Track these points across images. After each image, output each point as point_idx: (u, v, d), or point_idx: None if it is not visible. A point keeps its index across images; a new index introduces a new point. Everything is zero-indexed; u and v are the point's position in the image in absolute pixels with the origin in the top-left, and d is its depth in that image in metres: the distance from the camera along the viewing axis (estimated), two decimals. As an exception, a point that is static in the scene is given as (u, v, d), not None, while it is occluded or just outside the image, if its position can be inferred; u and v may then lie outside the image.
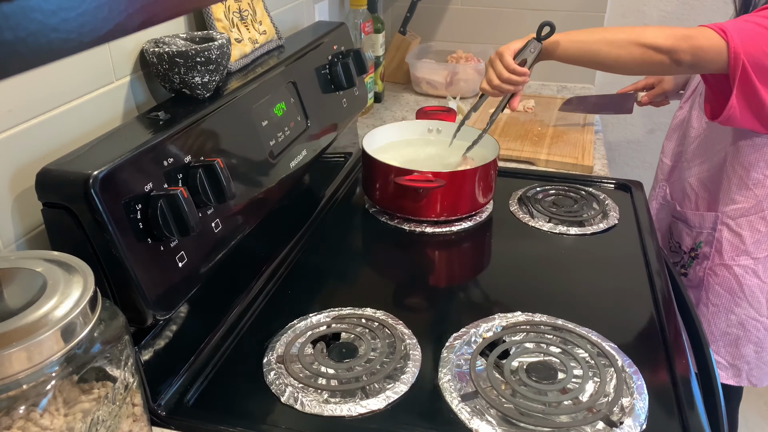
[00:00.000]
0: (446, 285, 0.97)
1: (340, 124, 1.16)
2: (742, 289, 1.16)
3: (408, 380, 0.73)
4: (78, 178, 0.60)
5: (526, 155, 1.38)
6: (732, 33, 0.97)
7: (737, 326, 1.18)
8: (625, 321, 0.86)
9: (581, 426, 0.66)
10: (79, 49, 0.24)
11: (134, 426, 0.58)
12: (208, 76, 0.80)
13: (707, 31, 0.99)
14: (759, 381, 1.21)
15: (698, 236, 1.22)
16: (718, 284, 1.19)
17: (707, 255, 1.20)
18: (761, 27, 0.98)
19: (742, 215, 1.14)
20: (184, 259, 0.70)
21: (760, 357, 1.19)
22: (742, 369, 1.21)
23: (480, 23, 1.95)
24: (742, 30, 0.98)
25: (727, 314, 1.19)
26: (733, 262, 1.16)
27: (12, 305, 0.49)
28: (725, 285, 1.18)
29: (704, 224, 1.20)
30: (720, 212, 1.17)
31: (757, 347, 1.18)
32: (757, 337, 1.18)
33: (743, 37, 0.97)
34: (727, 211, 1.15)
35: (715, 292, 1.19)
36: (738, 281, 1.16)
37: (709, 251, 1.19)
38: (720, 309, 1.19)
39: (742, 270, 1.16)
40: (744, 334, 1.18)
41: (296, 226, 1.05)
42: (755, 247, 1.14)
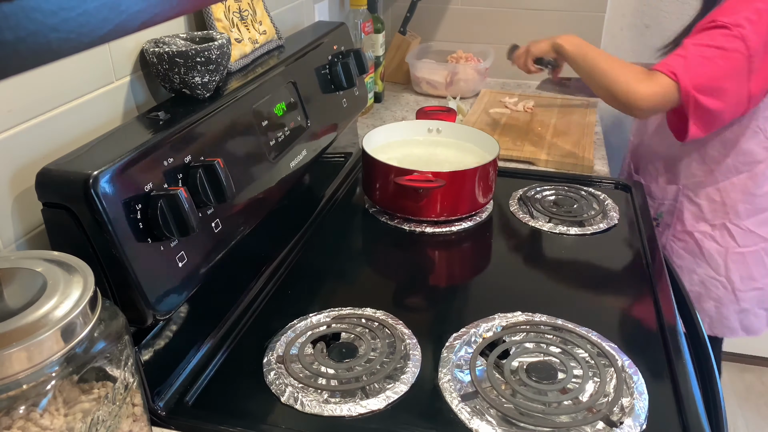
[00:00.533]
0: (446, 285, 0.97)
1: (340, 124, 1.16)
2: (702, 252, 1.32)
3: (408, 380, 0.73)
4: (78, 178, 0.60)
5: (526, 155, 1.38)
6: (681, 72, 1.09)
7: (699, 285, 1.35)
8: (625, 321, 0.86)
9: (581, 426, 0.66)
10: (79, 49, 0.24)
11: (134, 426, 0.58)
12: (208, 76, 0.80)
13: (658, 77, 1.11)
14: (721, 333, 1.38)
15: (660, 207, 1.37)
16: (681, 248, 1.35)
17: (669, 224, 1.36)
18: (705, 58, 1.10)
19: (700, 187, 1.30)
20: (184, 259, 0.70)
21: (720, 312, 1.35)
22: (704, 321, 1.31)
23: (480, 23, 1.95)
24: (689, 66, 1.10)
25: (690, 274, 1.35)
26: (693, 229, 1.33)
27: (12, 305, 0.49)
28: (687, 249, 1.34)
29: (666, 196, 1.35)
30: (681, 185, 1.32)
31: (717, 303, 1.35)
32: (716, 295, 1.34)
33: (693, 74, 1.09)
34: (688, 184, 1.31)
35: (678, 255, 1.36)
36: (698, 245, 1.32)
37: (671, 220, 1.35)
38: (683, 270, 1.35)
39: (701, 235, 1.32)
40: (705, 292, 1.35)
41: (296, 226, 1.05)
42: (712, 215, 1.30)
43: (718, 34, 1.10)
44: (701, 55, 1.10)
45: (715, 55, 1.09)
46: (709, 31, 1.11)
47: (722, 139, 1.23)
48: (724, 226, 1.29)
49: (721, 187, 1.27)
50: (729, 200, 1.28)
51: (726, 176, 1.26)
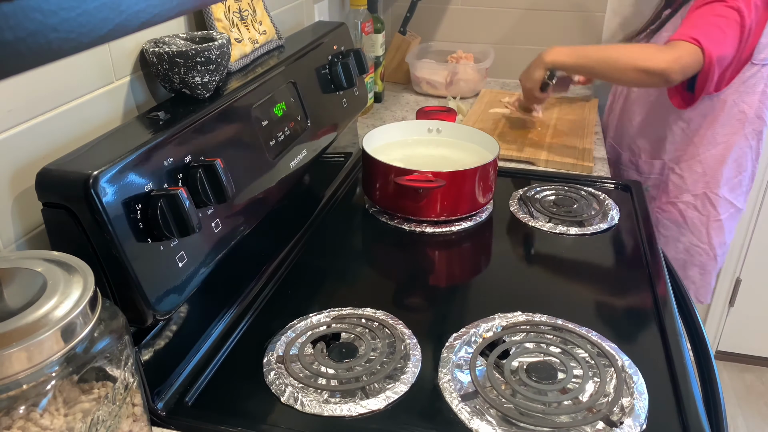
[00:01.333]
0: (446, 285, 0.97)
1: (340, 124, 1.16)
2: (685, 221, 1.41)
3: (408, 380, 0.73)
4: (78, 178, 0.60)
5: (526, 155, 1.38)
6: (702, 39, 1.15)
7: (684, 252, 1.44)
8: (625, 321, 0.86)
9: (581, 426, 0.66)
10: (79, 49, 0.24)
11: (134, 426, 0.58)
12: (208, 76, 0.80)
13: (684, 45, 1.16)
14: (704, 298, 1.48)
15: (646, 181, 1.45)
16: (666, 219, 1.44)
17: (655, 196, 1.44)
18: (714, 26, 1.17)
19: (683, 160, 1.39)
20: (184, 259, 0.70)
21: (704, 278, 1.45)
22: (689, 288, 1.43)
23: (480, 23, 1.95)
24: (707, 33, 1.16)
25: (675, 243, 1.44)
26: (677, 200, 1.41)
27: (12, 305, 0.49)
28: (672, 219, 1.43)
29: (653, 170, 1.44)
30: (666, 160, 1.41)
31: (701, 269, 1.44)
32: (700, 261, 1.43)
33: (710, 40, 1.16)
34: (672, 158, 1.40)
35: (664, 225, 1.44)
36: (682, 215, 1.41)
37: (657, 192, 1.44)
38: (669, 239, 1.44)
39: (684, 205, 1.41)
40: (689, 259, 1.44)
41: (296, 226, 1.05)
42: (694, 186, 1.39)
43: (717, 6, 1.18)
44: (710, 23, 1.17)
45: (720, 23, 1.17)
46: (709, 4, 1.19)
47: (703, 113, 1.33)
48: (705, 195, 1.38)
49: (702, 159, 1.36)
50: (709, 170, 1.37)
51: (707, 148, 1.35)
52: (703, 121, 1.34)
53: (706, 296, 1.48)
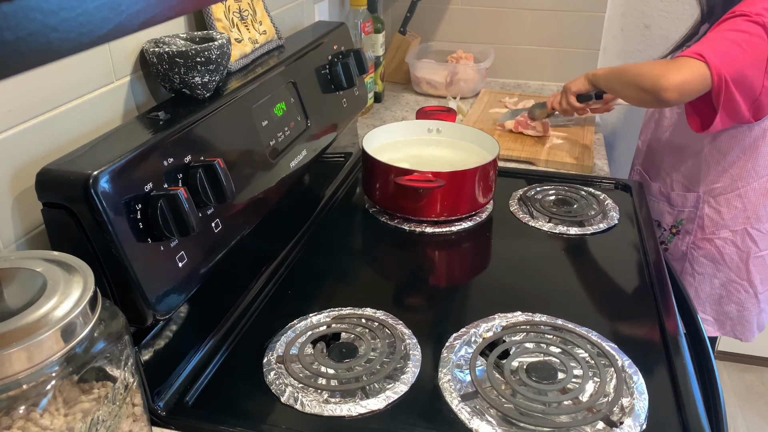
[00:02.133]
0: (446, 285, 0.97)
1: (340, 124, 1.16)
2: (723, 258, 1.32)
3: (408, 380, 0.73)
4: (78, 178, 0.60)
5: (526, 155, 1.38)
6: (709, 54, 1.07)
7: (720, 288, 1.34)
8: (625, 321, 0.86)
9: (581, 426, 0.66)
10: (79, 49, 0.24)
11: (134, 426, 0.58)
12: (208, 76, 0.80)
13: (686, 61, 1.09)
14: (743, 336, 1.38)
15: (680, 214, 1.36)
16: (701, 256, 1.34)
17: (689, 231, 1.34)
18: (731, 41, 1.09)
19: (720, 194, 1.29)
20: (184, 259, 0.70)
21: (742, 315, 1.35)
22: (725, 323, 1.37)
23: (480, 23, 1.95)
24: (716, 49, 1.09)
25: (711, 279, 1.34)
26: (714, 236, 1.31)
27: (12, 305, 0.49)
28: (708, 256, 1.33)
29: (686, 204, 1.34)
30: (701, 192, 1.31)
31: (739, 306, 1.34)
32: (738, 298, 1.34)
33: (720, 55, 1.08)
34: (708, 191, 1.30)
35: (699, 263, 1.34)
36: (719, 252, 1.31)
37: (692, 227, 1.33)
38: (705, 276, 1.35)
39: (722, 242, 1.31)
40: (726, 295, 1.34)
41: (296, 226, 1.05)
42: (733, 222, 1.29)
43: (740, 21, 1.10)
44: (726, 38, 1.10)
45: (739, 38, 1.09)
46: (730, 20, 1.12)
47: (742, 146, 1.23)
48: (745, 231, 1.29)
49: (742, 193, 1.27)
50: (750, 205, 1.27)
51: (747, 182, 1.26)
52: (742, 153, 1.24)
53: (745, 334, 1.38)
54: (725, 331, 1.38)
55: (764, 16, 1.08)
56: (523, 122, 1.47)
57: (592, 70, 1.33)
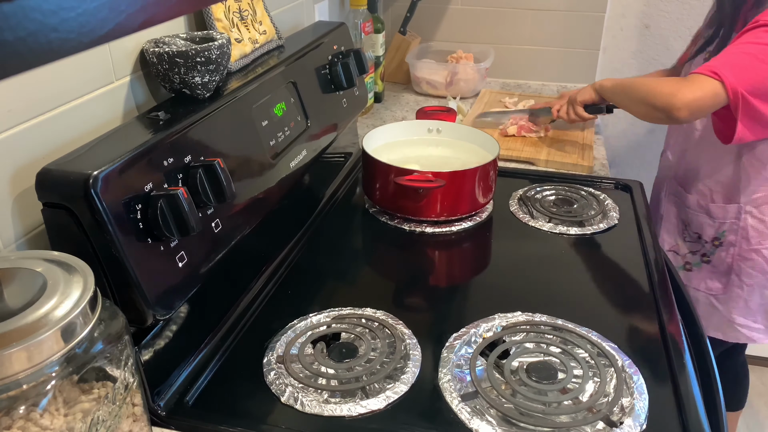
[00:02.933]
0: (446, 285, 0.97)
1: (340, 124, 1.16)
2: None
3: (408, 380, 0.73)
4: (78, 178, 0.60)
5: (526, 155, 1.38)
6: (723, 71, 1.06)
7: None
8: (625, 321, 0.86)
9: (581, 426, 0.66)
10: (79, 49, 0.24)
11: (134, 426, 0.58)
12: (208, 76, 0.80)
13: (699, 78, 1.07)
14: None
15: (721, 226, 1.32)
16: (749, 267, 1.30)
17: (733, 242, 1.30)
18: (748, 55, 1.07)
19: (763, 203, 1.26)
20: (184, 259, 0.70)
21: None
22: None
23: (480, 23, 1.95)
24: (733, 64, 1.07)
25: (762, 290, 1.31)
26: (760, 246, 1.28)
27: (12, 305, 0.49)
28: (757, 267, 1.30)
29: (727, 215, 1.30)
30: (742, 203, 1.28)
31: None
32: None
33: (736, 71, 1.06)
34: (749, 200, 1.27)
35: (747, 275, 1.31)
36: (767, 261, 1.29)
37: (735, 239, 1.30)
38: (754, 288, 1.31)
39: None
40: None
41: (296, 226, 1.05)
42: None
43: (761, 32, 1.07)
44: (744, 52, 1.07)
45: (758, 51, 1.06)
46: (753, 30, 1.09)
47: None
48: None
49: None
50: None
51: None
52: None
53: None
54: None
55: None
56: (526, 127, 1.47)
57: (599, 80, 1.32)
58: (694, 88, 1.07)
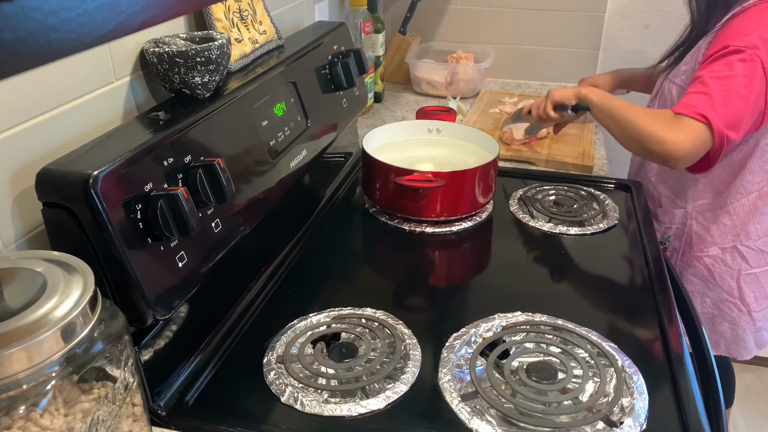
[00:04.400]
0: (446, 285, 0.97)
1: (340, 124, 1.16)
2: (713, 276, 1.28)
3: (408, 380, 0.73)
4: (78, 178, 0.60)
5: (526, 155, 1.38)
6: (710, 113, 1.04)
7: (712, 307, 1.31)
8: (625, 321, 0.86)
9: (581, 426, 0.66)
10: (79, 49, 0.24)
11: (134, 426, 0.58)
12: (208, 76, 0.80)
13: (688, 123, 1.05)
14: (739, 355, 1.34)
15: (666, 231, 1.33)
16: (691, 274, 1.31)
17: (677, 248, 1.31)
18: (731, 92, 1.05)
19: (709, 210, 1.26)
20: (184, 259, 0.70)
21: (736, 333, 1.31)
22: (720, 342, 1.33)
23: (480, 23, 1.95)
24: (717, 105, 1.05)
25: (702, 298, 1.31)
26: (702, 254, 1.28)
27: (12, 305, 0.49)
28: (698, 274, 1.30)
29: (674, 220, 1.31)
30: (689, 209, 1.28)
31: (732, 325, 1.31)
32: (731, 317, 1.30)
33: (722, 113, 1.04)
34: (696, 207, 1.27)
35: (688, 281, 1.31)
36: (708, 270, 1.28)
37: (679, 245, 1.31)
38: (695, 295, 1.31)
39: (712, 260, 1.28)
40: (719, 314, 1.31)
41: (296, 226, 1.05)
42: (722, 239, 1.26)
43: (735, 60, 1.06)
44: (725, 89, 1.05)
45: (739, 85, 1.05)
46: (725, 58, 1.07)
47: (730, 162, 1.20)
48: (734, 248, 1.26)
49: (731, 210, 1.23)
50: (739, 222, 1.24)
51: (736, 198, 1.22)
52: (730, 168, 1.21)
53: (740, 353, 1.34)
54: (719, 350, 1.35)
55: (760, 49, 1.05)
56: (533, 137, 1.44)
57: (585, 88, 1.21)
58: (689, 136, 1.05)
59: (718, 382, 0.89)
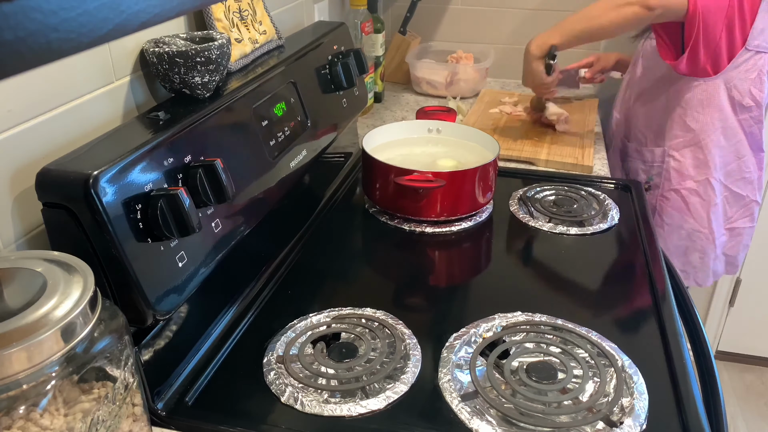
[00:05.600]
0: (446, 285, 0.97)
1: (340, 124, 1.16)
2: (688, 207, 1.41)
3: (408, 380, 0.73)
4: (78, 178, 0.60)
5: (526, 155, 1.38)
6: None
7: (686, 239, 1.45)
8: (625, 321, 0.86)
9: (581, 426, 0.66)
10: (79, 49, 0.24)
11: (134, 426, 0.58)
12: (208, 76, 0.80)
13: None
14: (703, 282, 1.49)
15: (650, 170, 1.45)
16: (669, 207, 1.43)
17: (658, 185, 1.44)
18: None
19: (684, 146, 1.39)
20: (184, 259, 0.70)
21: (704, 262, 1.46)
22: (689, 273, 1.48)
23: (480, 23, 1.95)
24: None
25: (678, 230, 1.44)
26: (679, 186, 1.41)
27: (12, 305, 0.49)
28: (675, 206, 1.43)
29: (655, 158, 1.43)
30: (666, 146, 1.41)
31: (701, 254, 1.45)
32: (701, 246, 1.44)
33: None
34: (672, 144, 1.40)
35: (667, 214, 1.44)
36: (684, 201, 1.41)
37: (659, 181, 1.43)
38: (672, 227, 1.44)
39: (687, 192, 1.41)
40: (691, 245, 1.45)
41: (296, 226, 1.05)
42: (696, 172, 1.39)
43: None
44: None
45: None
46: None
47: (700, 99, 1.33)
48: (707, 180, 1.39)
49: (703, 145, 1.37)
50: (710, 156, 1.37)
51: (707, 134, 1.35)
52: (699, 106, 1.34)
53: (705, 280, 1.49)
54: (689, 281, 1.48)
55: None
56: None
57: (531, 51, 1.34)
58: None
59: (718, 382, 0.89)
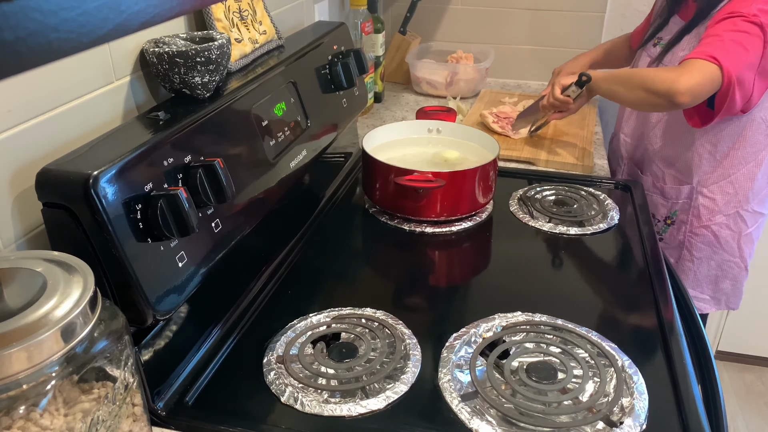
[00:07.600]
0: (446, 285, 0.97)
1: (340, 124, 1.16)
2: (719, 241, 1.39)
3: (408, 380, 0.73)
4: (78, 178, 0.60)
5: (526, 155, 1.38)
6: (719, 55, 1.10)
7: (716, 269, 1.43)
8: (625, 321, 0.86)
9: (581, 426, 0.66)
10: (79, 49, 0.24)
11: (134, 426, 0.58)
12: (208, 76, 0.80)
13: (697, 63, 1.11)
14: (735, 305, 1.48)
15: (674, 206, 1.41)
16: (699, 242, 1.40)
17: (684, 221, 1.40)
18: (736, 43, 1.11)
19: (713, 182, 1.35)
20: (184, 259, 0.70)
21: (736, 288, 1.45)
22: (721, 299, 1.46)
23: (480, 23, 1.95)
24: (726, 51, 1.11)
25: (708, 262, 1.42)
26: (710, 222, 1.38)
27: (12, 305, 0.49)
28: (705, 241, 1.40)
29: (680, 195, 1.39)
30: (694, 184, 1.36)
31: (733, 281, 1.44)
32: (732, 274, 1.43)
33: (730, 58, 1.10)
34: (701, 181, 1.35)
35: (697, 248, 1.42)
36: (715, 236, 1.38)
37: (686, 217, 1.40)
38: (702, 260, 1.42)
39: (718, 227, 1.38)
40: (722, 273, 1.43)
41: (296, 226, 1.05)
42: (726, 207, 1.36)
43: (738, 21, 1.13)
44: (731, 39, 1.12)
45: (741, 39, 1.11)
46: (729, 20, 1.14)
47: (732, 136, 1.29)
48: (737, 213, 1.36)
49: (734, 179, 1.33)
50: (741, 189, 1.34)
51: (737, 168, 1.32)
52: (731, 142, 1.30)
53: (737, 303, 1.48)
54: (720, 306, 1.47)
55: (760, 16, 1.12)
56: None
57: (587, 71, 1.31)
58: (694, 73, 1.10)
59: (718, 382, 0.89)
